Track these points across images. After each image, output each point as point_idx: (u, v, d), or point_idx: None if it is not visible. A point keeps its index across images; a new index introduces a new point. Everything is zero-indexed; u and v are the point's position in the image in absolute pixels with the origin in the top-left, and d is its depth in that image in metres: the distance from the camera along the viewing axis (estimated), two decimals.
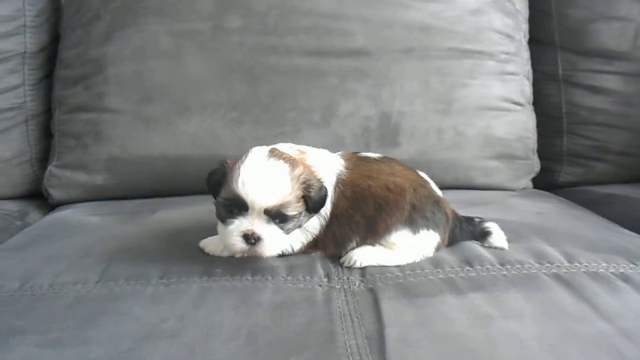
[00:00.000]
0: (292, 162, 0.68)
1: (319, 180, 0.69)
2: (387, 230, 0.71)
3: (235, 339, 0.55)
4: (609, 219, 0.95)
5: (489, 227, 0.78)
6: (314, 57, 1.07)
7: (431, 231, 0.72)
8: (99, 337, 0.55)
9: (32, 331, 0.56)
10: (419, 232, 0.71)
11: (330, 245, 0.73)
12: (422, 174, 0.78)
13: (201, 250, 0.75)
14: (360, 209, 0.71)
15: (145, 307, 0.60)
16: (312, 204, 0.68)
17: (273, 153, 0.68)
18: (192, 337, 0.55)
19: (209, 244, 0.75)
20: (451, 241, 0.76)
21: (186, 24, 1.06)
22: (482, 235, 0.78)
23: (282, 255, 0.72)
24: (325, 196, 0.69)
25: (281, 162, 0.67)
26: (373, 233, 0.72)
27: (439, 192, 0.77)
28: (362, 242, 0.72)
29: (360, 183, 0.71)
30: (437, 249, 0.74)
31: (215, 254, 0.74)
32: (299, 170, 0.67)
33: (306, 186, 0.67)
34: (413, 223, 0.71)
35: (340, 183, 0.72)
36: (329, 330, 0.57)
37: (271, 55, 1.06)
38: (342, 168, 0.73)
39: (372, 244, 0.72)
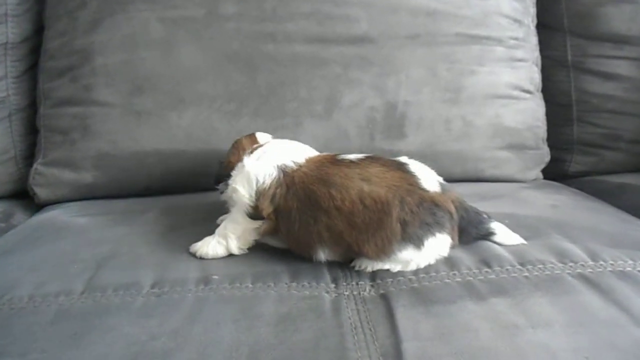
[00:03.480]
0: (237, 140, 0.81)
1: (227, 161, 0.76)
2: (382, 251, 0.63)
3: (235, 359, 0.50)
4: (622, 210, 0.91)
5: (493, 229, 0.72)
6: (315, 45, 1.01)
7: (438, 235, 0.64)
8: (82, 359, 0.50)
9: (9, 353, 0.51)
10: (423, 244, 0.64)
11: (292, 244, 0.68)
12: (413, 164, 0.68)
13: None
14: (321, 220, 0.63)
15: (135, 322, 0.55)
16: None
17: (250, 134, 0.82)
18: (187, 357, 0.50)
19: (201, 247, 0.70)
20: (460, 235, 0.69)
21: (179, 10, 1.00)
22: (488, 235, 0.72)
23: None
24: (219, 173, 0.76)
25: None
26: (358, 254, 0.65)
27: (436, 183, 0.67)
28: (344, 256, 0.66)
29: (317, 189, 0.64)
30: (452, 247, 0.68)
31: (207, 256, 0.69)
32: (230, 147, 0.80)
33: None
34: (413, 237, 0.63)
35: (287, 175, 0.67)
36: (340, 346, 0.52)
37: (269, 43, 1.01)
38: (292, 164, 0.67)
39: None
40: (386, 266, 0.66)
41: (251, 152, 0.73)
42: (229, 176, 0.73)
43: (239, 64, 1.00)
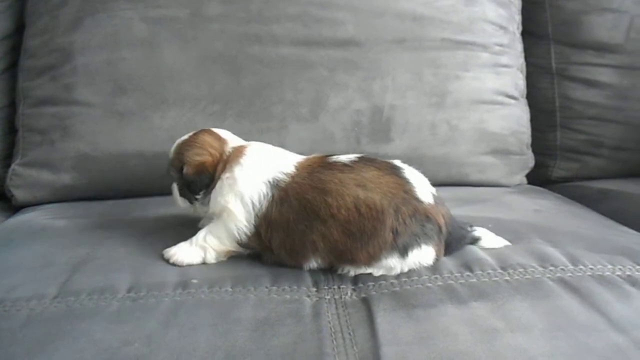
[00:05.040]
0: (194, 137, 0.73)
1: (198, 163, 0.70)
2: (373, 259, 0.63)
3: None
4: (604, 215, 0.92)
5: (478, 236, 0.72)
6: (301, 47, 1.01)
7: (423, 246, 0.64)
8: None
9: None
10: (407, 254, 0.63)
11: (282, 254, 0.66)
12: (408, 170, 0.67)
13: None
14: (317, 229, 0.63)
15: (107, 328, 0.53)
16: (183, 179, 0.71)
17: (205, 129, 0.75)
18: None
19: (175, 254, 0.68)
20: (446, 249, 0.69)
21: (162, 10, 0.99)
22: (472, 243, 0.72)
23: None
24: (197, 181, 0.70)
25: (191, 133, 0.74)
26: (351, 261, 0.64)
27: (429, 194, 0.66)
28: (336, 264, 0.65)
29: (312, 198, 0.63)
30: (435, 260, 0.67)
31: (182, 264, 0.67)
32: (185, 144, 0.73)
33: (179, 160, 0.72)
34: (400, 247, 0.63)
35: (280, 189, 0.65)
36: (318, 352, 0.51)
37: (255, 44, 1.00)
38: (283, 176, 0.65)
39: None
40: (369, 270, 0.65)
41: (232, 158, 0.70)
42: (209, 182, 0.70)
43: (223, 65, 0.99)
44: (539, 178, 1.18)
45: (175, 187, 0.76)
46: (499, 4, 1.11)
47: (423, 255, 0.65)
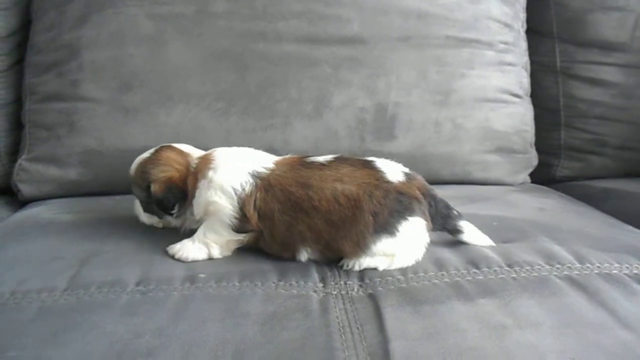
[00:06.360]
0: (156, 154, 0.74)
1: (165, 179, 0.71)
2: (359, 246, 0.65)
3: (220, 358, 0.49)
4: (608, 214, 0.92)
5: (461, 226, 0.71)
6: (305, 45, 1.01)
7: (409, 218, 0.65)
8: (63, 357, 0.48)
9: None
10: (398, 229, 0.64)
11: (275, 247, 0.68)
12: (380, 162, 0.69)
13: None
14: (302, 220, 0.65)
15: (118, 320, 0.54)
16: (152, 198, 0.72)
17: (165, 145, 0.76)
18: (171, 356, 0.49)
19: (179, 250, 0.69)
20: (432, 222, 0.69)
21: (168, 7, 1.00)
22: (455, 232, 0.72)
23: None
24: (169, 197, 0.71)
25: (152, 150, 0.76)
26: (338, 250, 0.66)
27: (400, 174, 0.67)
28: (324, 255, 0.67)
29: (295, 190, 0.66)
30: (428, 230, 0.67)
31: (187, 260, 0.68)
32: (148, 162, 0.74)
33: (143, 178, 0.73)
34: (385, 226, 0.64)
35: (262, 179, 0.67)
36: (327, 346, 0.51)
37: (260, 41, 1.00)
38: (263, 169, 0.68)
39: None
40: (373, 264, 0.66)
41: (202, 167, 0.71)
42: (180, 197, 0.71)
43: (228, 63, 0.99)
44: (542, 177, 1.18)
45: (137, 204, 0.78)
46: (504, 1, 1.11)
47: (413, 227, 0.65)
